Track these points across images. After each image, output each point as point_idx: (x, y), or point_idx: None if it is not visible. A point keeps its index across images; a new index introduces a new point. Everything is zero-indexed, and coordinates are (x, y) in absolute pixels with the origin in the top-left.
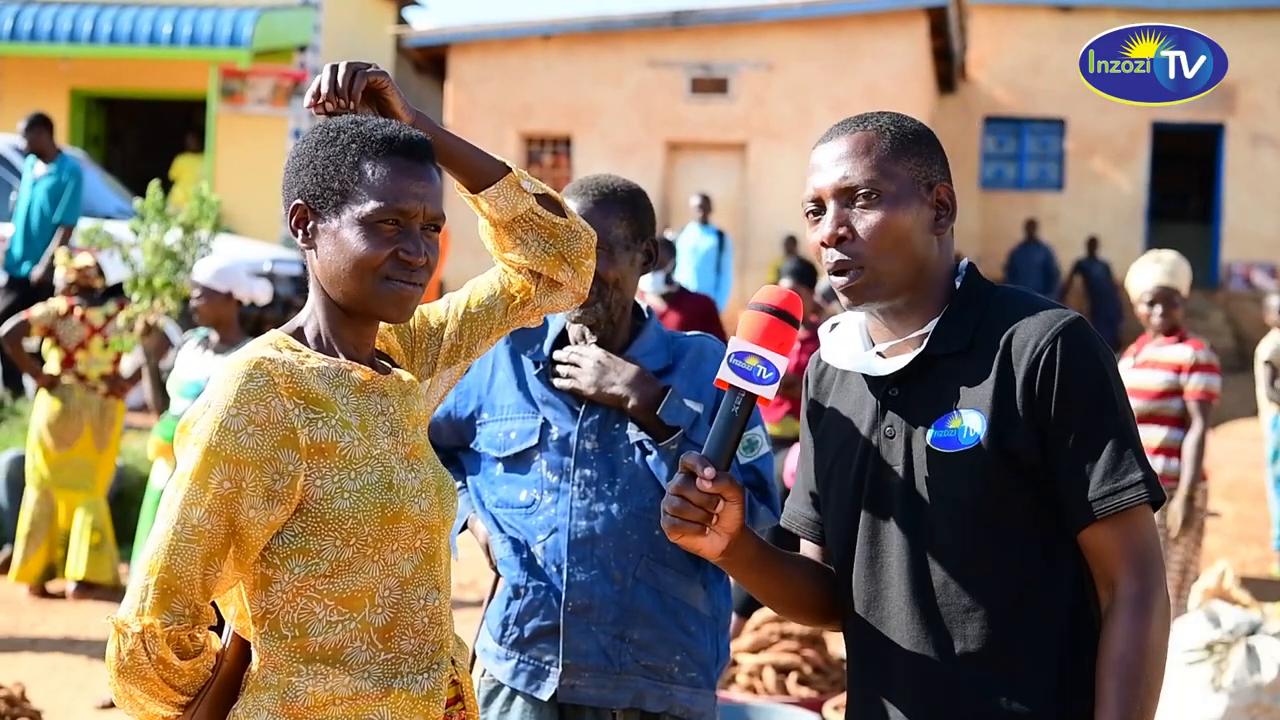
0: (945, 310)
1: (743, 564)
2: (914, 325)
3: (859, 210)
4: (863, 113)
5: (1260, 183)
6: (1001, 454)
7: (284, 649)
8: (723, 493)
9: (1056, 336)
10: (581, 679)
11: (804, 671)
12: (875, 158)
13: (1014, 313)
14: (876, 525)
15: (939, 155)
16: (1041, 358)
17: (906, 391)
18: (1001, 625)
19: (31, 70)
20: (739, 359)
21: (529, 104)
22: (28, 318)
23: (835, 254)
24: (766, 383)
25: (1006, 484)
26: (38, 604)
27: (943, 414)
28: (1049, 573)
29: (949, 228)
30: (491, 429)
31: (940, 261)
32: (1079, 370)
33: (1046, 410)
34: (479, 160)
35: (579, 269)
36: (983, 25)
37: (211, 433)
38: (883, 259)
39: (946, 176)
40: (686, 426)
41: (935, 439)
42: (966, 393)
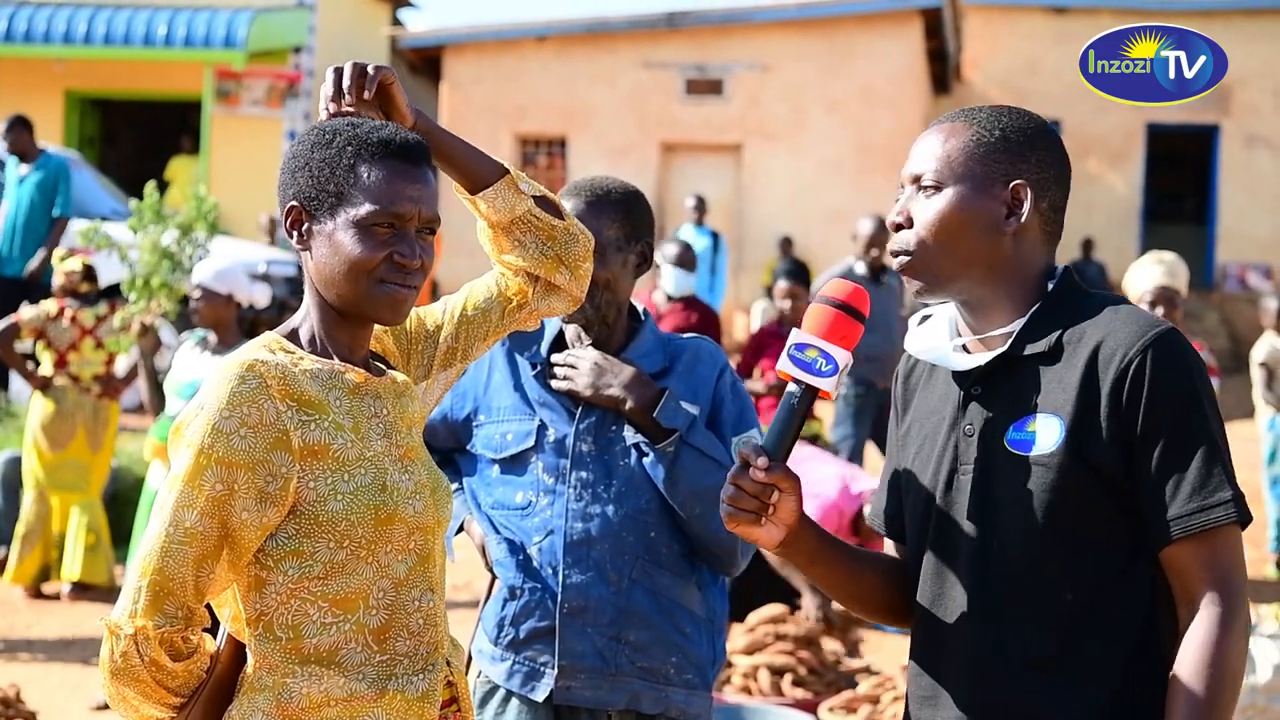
0: (1033, 311)
1: (804, 556)
2: (997, 323)
3: (922, 199)
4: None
5: (1255, 184)
6: (1078, 461)
7: (279, 650)
8: (777, 483)
9: (1147, 347)
10: (577, 680)
11: (799, 673)
12: (949, 150)
13: (1105, 319)
14: (948, 522)
15: (1038, 155)
16: (1131, 368)
17: (989, 389)
18: (1065, 633)
19: (26, 71)
20: (799, 350)
21: (524, 105)
22: (18, 320)
23: (896, 239)
24: (826, 375)
25: (1081, 492)
26: (33, 605)
27: (1022, 416)
28: (1120, 585)
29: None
30: (488, 431)
31: (1019, 260)
32: (1169, 382)
33: (1133, 422)
34: (477, 161)
35: (576, 272)
36: (977, 26)
37: (204, 435)
38: (933, 250)
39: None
40: (683, 429)
41: (1012, 440)
42: (1048, 396)
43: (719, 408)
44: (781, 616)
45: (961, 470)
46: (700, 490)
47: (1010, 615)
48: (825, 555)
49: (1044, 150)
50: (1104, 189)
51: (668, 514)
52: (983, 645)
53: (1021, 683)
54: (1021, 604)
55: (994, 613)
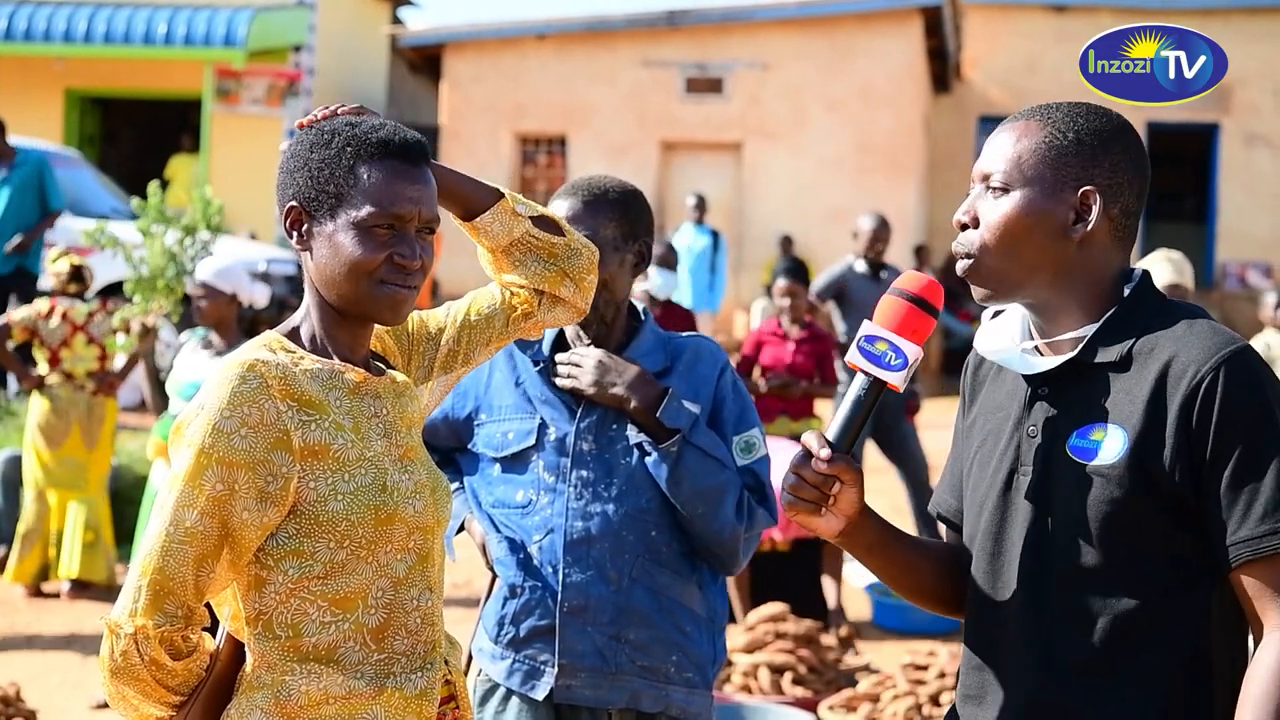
0: (1106, 318)
1: (863, 547)
2: (1066, 326)
3: (989, 199)
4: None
5: (1255, 183)
6: (1140, 475)
7: (277, 649)
8: (839, 474)
9: (1221, 364)
10: (577, 679)
11: (799, 671)
12: (1020, 150)
13: (1180, 332)
14: (1004, 521)
15: (1111, 159)
16: (1202, 385)
17: (1056, 393)
18: (1113, 643)
19: (26, 70)
20: (869, 343)
21: (524, 104)
22: (9, 320)
23: (960, 238)
24: (895, 369)
25: (1139, 505)
26: (33, 604)
27: (1087, 424)
28: (1173, 601)
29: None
30: (489, 430)
31: (1087, 266)
32: (1241, 401)
33: (1204, 441)
34: (470, 188)
35: (581, 285)
36: (977, 25)
37: (205, 434)
38: (997, 253)
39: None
40: (686, 428)
41: (1074, 447)
42: (1115, 406)
43: (720, 406)
44: (782, 615)
45: (1021, 471)
46: (703, 490)
47: (1059, 620)
48: (885, 546)
49: (1119, 153)
50: None
51: (668, 513)
52: (1030, 647)
53: (1067, 688)
54: (1071, 610)
55: (1044, 616)
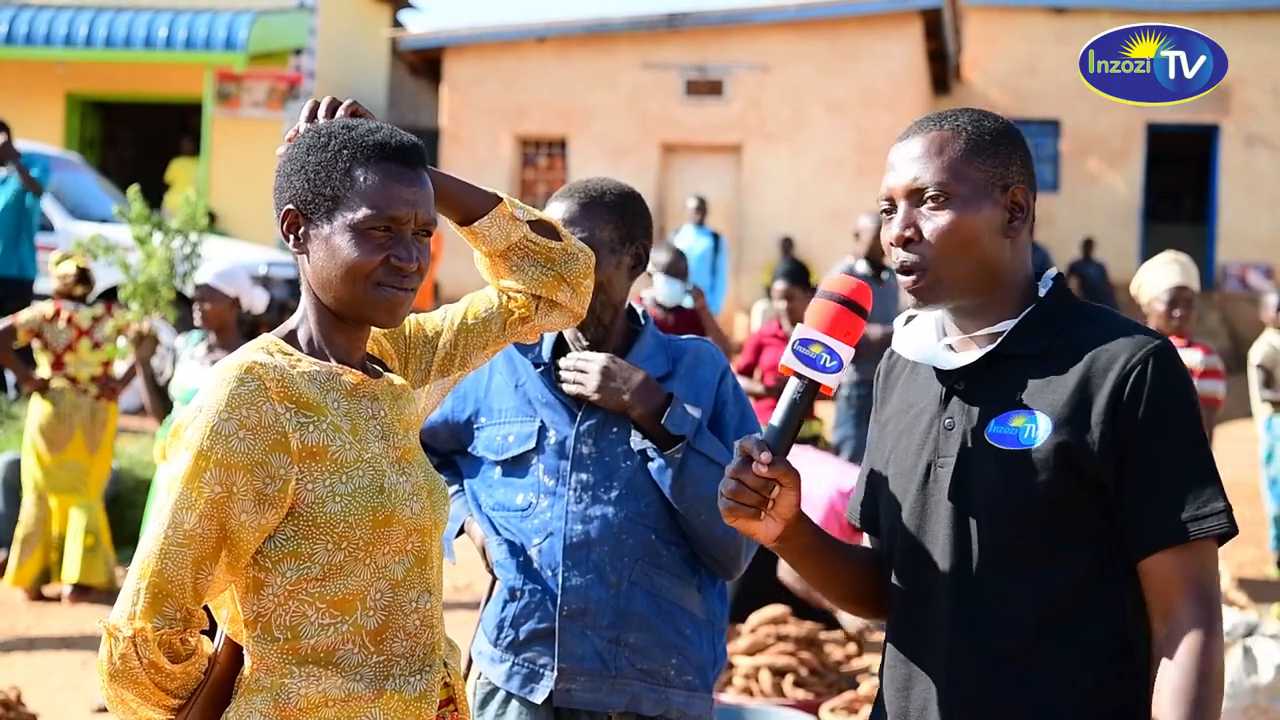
0: (1027, 314)
1: (798, 551)
2: (986, 323)
3: (927, 212)
4: (943, 110)
5: (1255, 184)
6: (1061, 460)
7: (276, 652)
8: (779, 478)
9: (1149, 357)
10: (577, 683)
11: (800, 674)
12: (947, 159)
13: (1102, 327)
14: (925, 513)
15: (1019, 156)
16: (1132, 375)
17: (972, 386)
18: (1035, 630)
19: (27, 74)
20: (803, 346)
21: (524, 106)
22: (14, 323)
23: (901, 254)
24: (830, 371)
25: (1059, 490)
26: (34, 607)
27: (1005, 411)
28: (1096, 586)
29: (1023, 230)
30: (489, 433)
31: (1015, 264)
32: (1166, 394)
33: (1130, 428)
34: (468, 194)
35: (577, 289)
36: (977, 27)
37: (203, 437)
38: (948, 262)
39: (1025, 178)
40: (690, 435)
41: (993, 434)
42: (1035, 395)
43: (721, 410)
44: (783, 617)
45: (940, 463)
46: (706, 496)
47: (985, 608)
48: (817, 551)
49: (1023, 151)
50: (1104, 189)
51: (668, 516)
52: (958, 637)
53: (995, 676)
54: (996, 597)
55: (969, 605)
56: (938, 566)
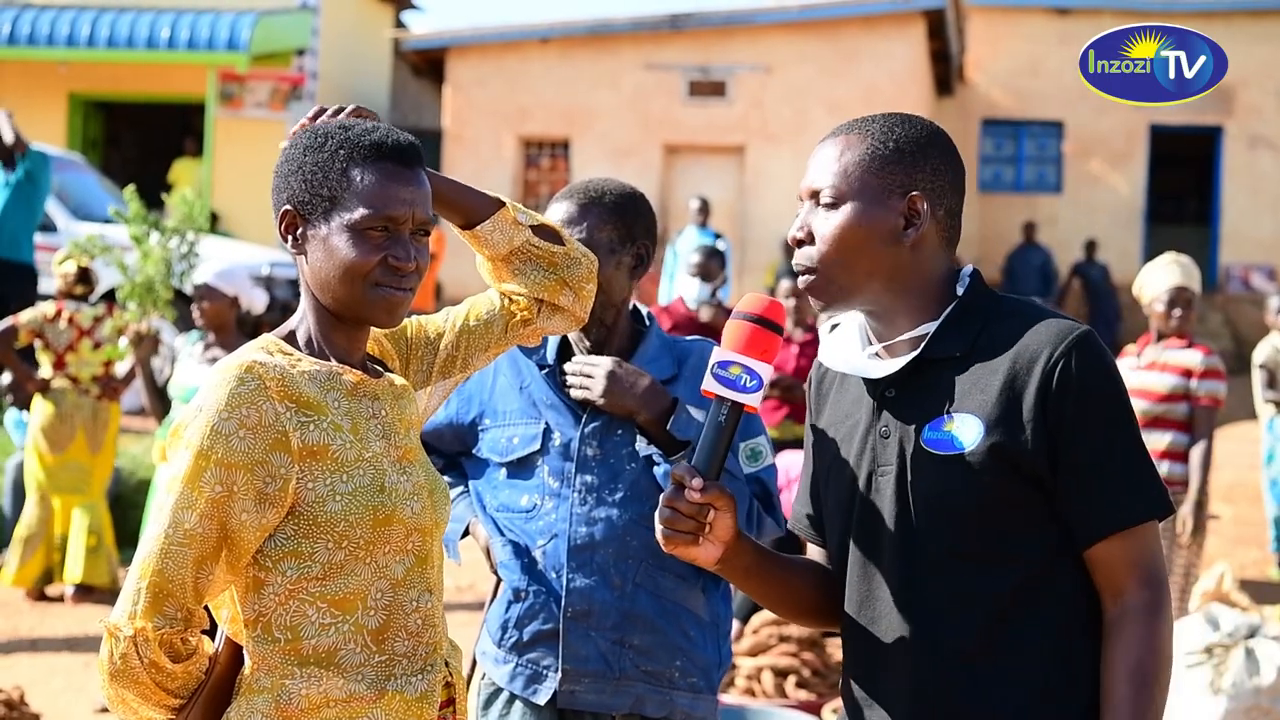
0: (946, 315)
1: (741, 571)
2: (904, 328)
3: (821, 214)
4: (864, 116)
5: (1258, 185)
6: (998, 460)
7: (277, 652)
8: (713, 502)
9: (1071, 348)
10: (581, 684)
11: (803, 675)
12: (845, 163)
13: (1022, 322)
14: (869, 524)
15: (929, 163)
16: (1056, 368)
17: (902, 393)
18: (989, 629)
19: (29, 74)
20: (722, 368)
21: (527, 107)
22: (15, 323)
23: (797, 254)
24: (750, 390)
25: (999, 490)
26: (36, 608)
27: (937, 416)
28: (1044, 582)
29: (926, 237)
30: (494, 434)
31: (919, 268)
32: (1094, 382)
33: (1059, 421)
34: (469, 197)
35: (580, 294)
36: (980, 28)
37: (203, 436)
38: (836, 264)
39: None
40: (695, 440)
41: (929, 440)
42: (964, 397)
43: None
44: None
45: (880, 472)
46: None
47: (937, 612)
48: (762, 569)
49: (937, 158)
50: (1107, 190)
51: None
52: (913, 643)
53: (953, 676)
54: (947, 598)
55: (921, 610)
56: (888, 573)
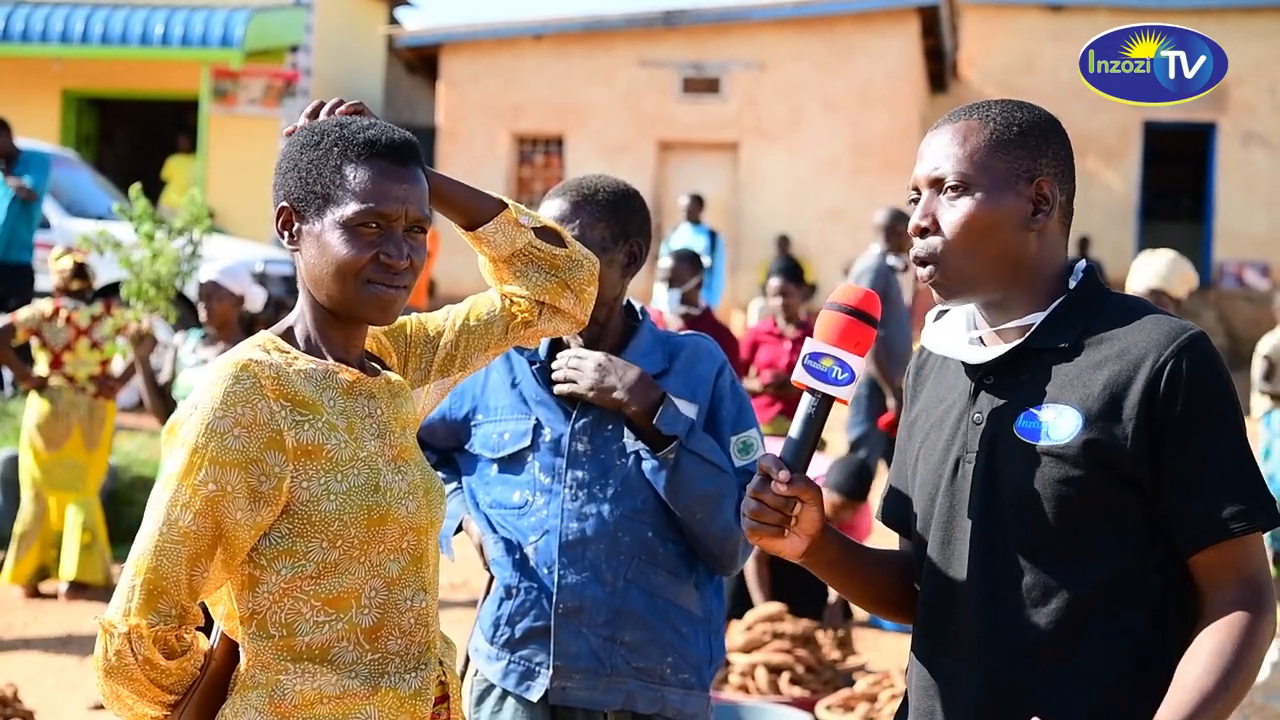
0: (1055, 306)
1: (826, 565)
2: (1015, 316)
3: (946, 202)
4: (981, 100)
5: (1252, 182)
6: (1094, 455)
7: (271, 649)
8: (799, 495)
9: (1183, 349)
10: (572, 681)
11: (796, 671)
12: (970, 149)
13: (1132, 319)
14: (953, 510)
15: (1051, 148)
16: (1166, 367)
17: (1001, 380)
18: (1065, 626)
19: (23, 71)
20: (814, 360)
21: (521, 104)
22: (13, 321)
23: (919, 244)
24: (842, 384)
25: (1091, 484)
26: (30, 604)
27: (1034, 405)
28: (1125, 584)
29: (1051, 223)
30: (485, 430)
31: (1042, 256)
32: (1205, 385)
33: (1165, 422)
34: (473, 199)
35: (581, 296)
36: (974, 24)
37: (198, 434)
38: (963, 254)
39: (1057, 170)
40: (683, 434)
41: (1022, 429)
42: (1065, 389)
43: (718, 406)
44: (779, 615)
45: (967, 458)
46: (701, 495)
47: (1013, 605)
48: (845, 561)
49: (1058, 143)
50: (1101, 187)
51: (664, 514)
52: (984, 633)
53: (1021, 672)
54: (1024, 593)
55: (997, 602)
56: (965, 563)
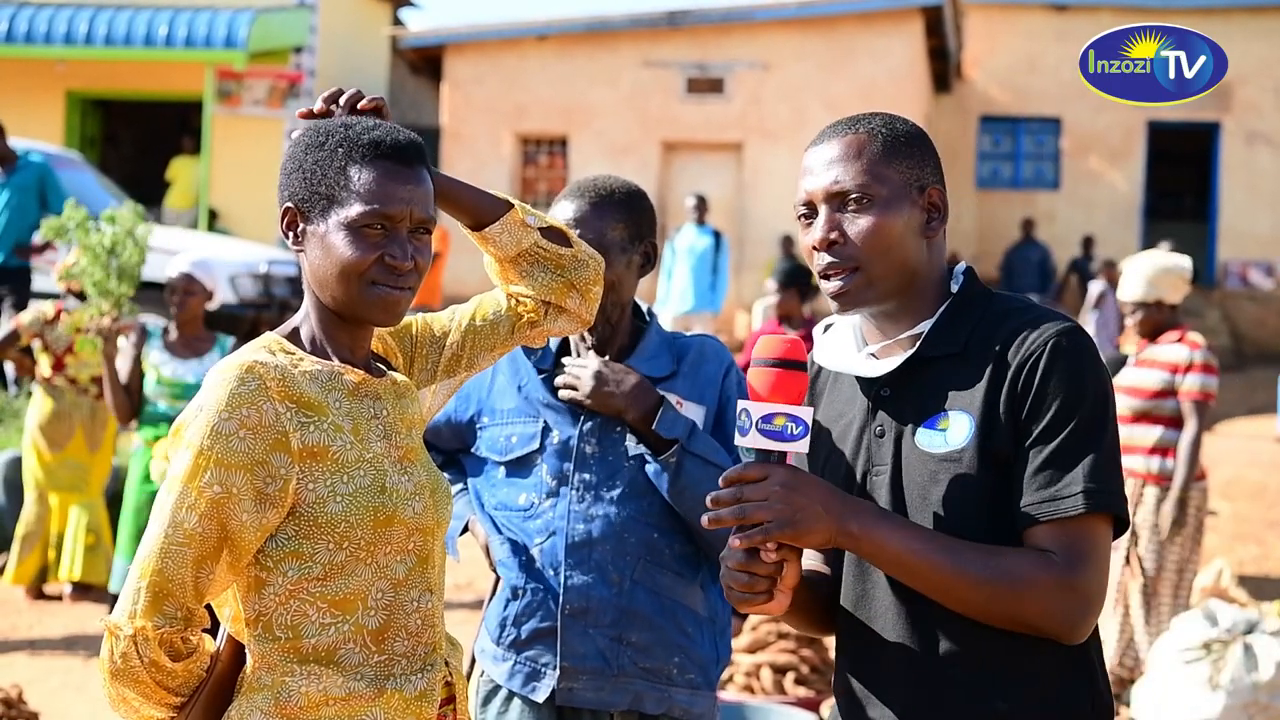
0: (940, 313)
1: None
2: (905, 326)
3: (850, 215)
4: (854, 114)
5: (1256, 181)
6: (986, 457)
7: (278, 650)
8: (786, 556)
9: (1047, 342)
10: (579, 681)
11: (801, 671)
12: (866, 161)
13: (1012, 319)
14: None
15: (931, 157)
16: (1028, 361)
17: (897, 392)
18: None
19: (27, 72)
20: (766, 422)
21: (525, 104)
22: (18, 326)
23: (826, 257)
24: (799, 437)
25: (991, 487)
26: (35, 606)
27: (932, 415)
28: None
29: (940, 230)
30: (492, 433)
31: (932, 264)
32: (1058, 373)
33: (1022, 411)
34: (479, 199)
35: (586, 296)
36: (978, 24)
37: (203, 436)
38: (874, 263)
39: (938, 179)
40: (683, 438)
41: (922, 439)
42: (956, 395)
43: (726, 407)
44: None
45: (875, 472)
46: (705, 497)
47: (932, 613)
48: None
49: (934, 153)
50: (1105, 186)
51: (670, 515)
52: (909, 645)
53: (949, 680)
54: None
55: (916, 611)
56: (880, 577)
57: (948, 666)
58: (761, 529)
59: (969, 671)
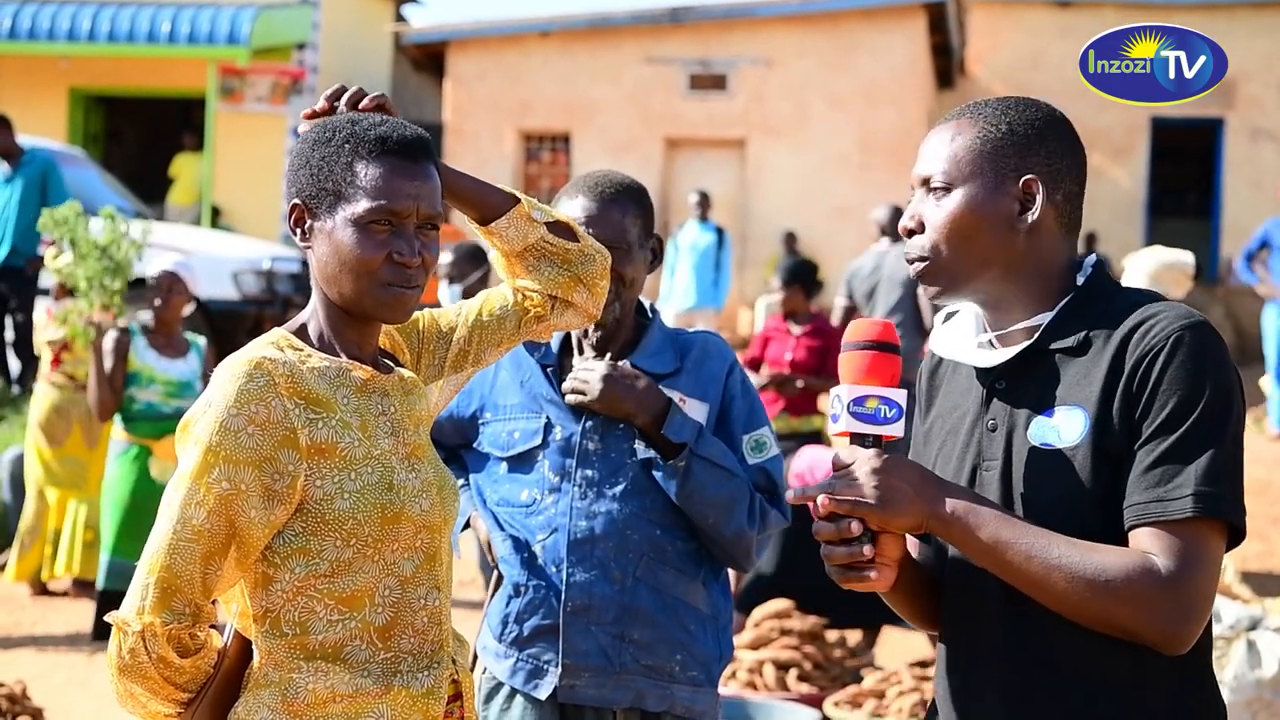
0: (1062, 305)
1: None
2: (1019, 318)
3: (931, 201)
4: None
5: (1260, 177)
6: (1101, 455)
7: (285, 647)
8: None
9: (1169, 337)
10: (581, 679)
11: (804, 668)
12: (956, 148)
13: (1138, 314)
14: None
15: (1045, 145)
16: (1147, 356)
17: (1013, 384)
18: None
19: (30, 69)
20: (858, 404)
21: (527, 101)
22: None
23: (908, 243)
24: (893, 420)
25: (1103, 484)
26: (38, 602)
27: (1046, 409)
28: None
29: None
30: (495, 429)
31: (1038, 254)
32: (1179, 372)
33: (1137, 408)
34: (486, 194)
35: (593, 290)
36: (981, 21)
37: (211, 433)
38: (947, 252)
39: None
40: (692, 441)
41: (1036, 434)
42: (1073, 389)
43: (729, 405)
44: (787, 612)
45: (985, 466)
46: (713, 500)
47: (1037, 614)
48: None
49: (1054, 141)
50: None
51: (673, 512)
52: (1011, 646)
53: (1050, 680)
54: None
55: (1021, 612)
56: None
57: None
58: (849, 504)
59: (1071, 674)
